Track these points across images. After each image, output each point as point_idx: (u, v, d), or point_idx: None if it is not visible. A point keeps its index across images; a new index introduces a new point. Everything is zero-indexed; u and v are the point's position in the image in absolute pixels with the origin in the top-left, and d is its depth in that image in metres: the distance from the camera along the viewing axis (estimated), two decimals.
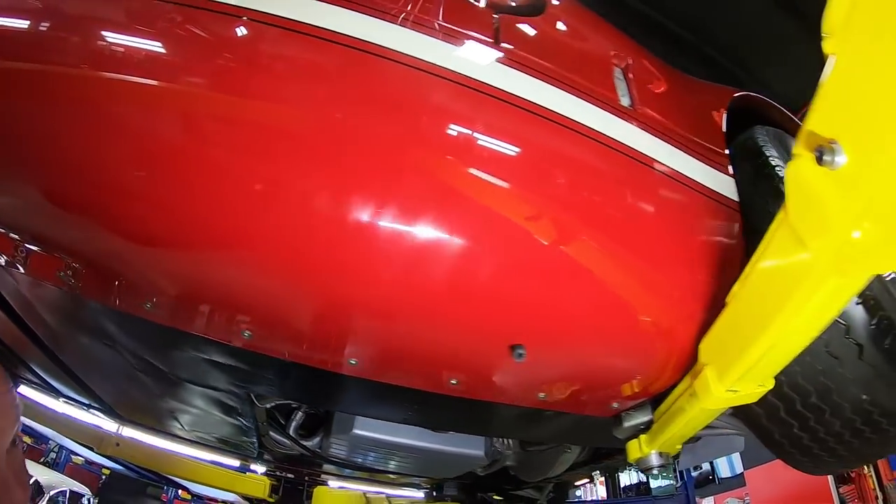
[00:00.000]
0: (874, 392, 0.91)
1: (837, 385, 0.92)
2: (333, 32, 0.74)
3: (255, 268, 0.80)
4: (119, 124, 0.71)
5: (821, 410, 0.95)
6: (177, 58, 0.72)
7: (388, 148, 0.73)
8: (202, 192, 0.73)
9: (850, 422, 0.95)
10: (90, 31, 0.72)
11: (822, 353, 0.91)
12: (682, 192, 0.86)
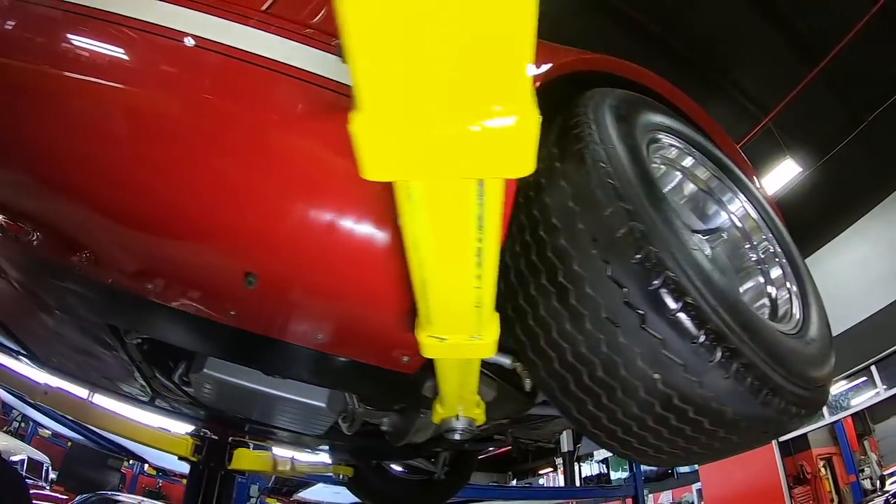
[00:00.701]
0: (666, 371, 0.80)
1: (623, 358, 0.82)
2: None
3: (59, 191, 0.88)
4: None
5: (610, 387, 0.85)
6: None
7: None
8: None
9: (647, 405, 0.85)
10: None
11: (601, 318, 0.81)
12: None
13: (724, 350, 0.79)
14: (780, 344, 0.92)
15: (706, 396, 0.81)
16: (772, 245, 1.41)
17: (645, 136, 1.08)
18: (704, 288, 0.81)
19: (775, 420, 0.87)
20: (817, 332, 1.14)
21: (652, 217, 0.82)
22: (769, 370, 0.84)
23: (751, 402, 0.82)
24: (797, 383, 0.90)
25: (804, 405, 0.92)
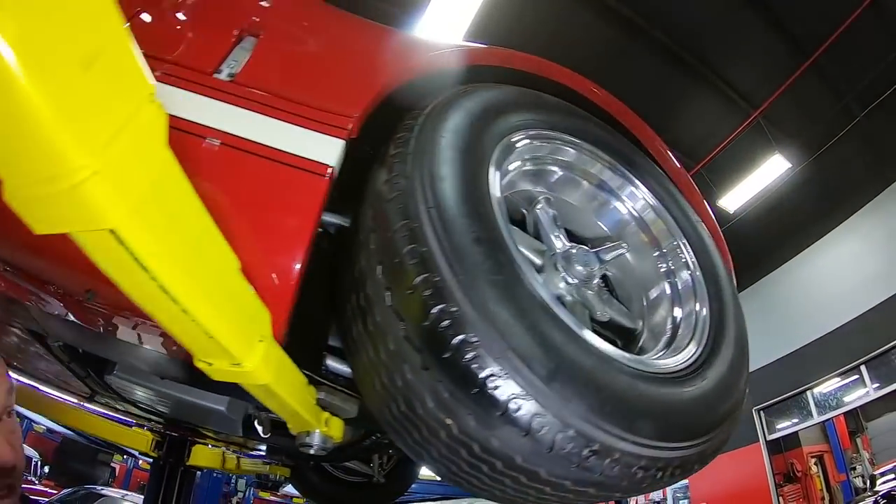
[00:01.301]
0: (458, 420, 0.70)
1: (416, 397, 0.73)
2: None
3: None
4: None
5: (415, 425, 0.77)
6: None
7: None
8: None
9: (453, 450, 0.75)
10: None
11: (390, 350, 0.73)
12: (257, 164, 0.82)
13: (513, 402, 0.66)
14: (621, 393, 0.75)
15: (506, 453, 0.71)
16: (685, 252, 1.21)
17: (500, 142, 0.98)
18: (490, 327, 0.68)
19: (615, 485, 0.75)
20: (723, 371, 0.95)
21: (432, 245, 0.72)
22: (588, 428, 0.69)
23: (565, 465, 0.70)
24: (648, 442, 0.74)
25: (666, 466, 0.78)
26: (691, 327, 1.05)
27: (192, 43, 0.95)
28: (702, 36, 7.92)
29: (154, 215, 0.44)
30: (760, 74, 8.28)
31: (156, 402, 1.83)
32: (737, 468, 10.32)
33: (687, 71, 8.35)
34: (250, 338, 0.65)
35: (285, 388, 0.80)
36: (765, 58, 8.02)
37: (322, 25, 1.15)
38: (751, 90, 8.72)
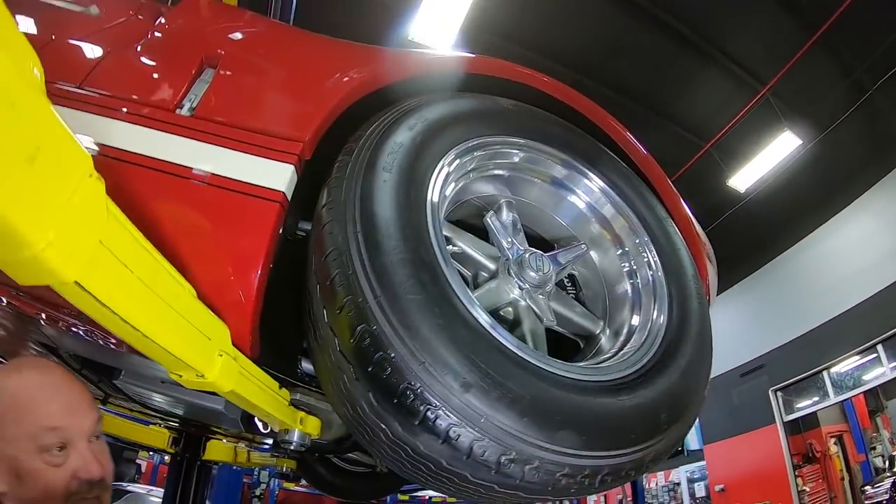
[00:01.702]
0: (389, 426, 0.76)
1: (356, 403, 0.79)
2: None
3: None
4: None
5: (362, 426, 0.82)
6: None
7: None
8: None
9: (396, 452, 0.80)
10: None
11: (332, 360, 0.80)
12: (208, 194, 0.90)
13: (429, 412, 0.72)
14: (542, 403, 0.77)
15: (432, 457, 0.76)
16: (647, 252, 1.21)
17: (440, 160, 1.01)
18: (405, 344, 0.73)
19: (540, 490, 0.78)
20: (672, 379, 0.95)
21: (357, 268, 0.78)
22: (504, 437, 0.73)
23: (485, 470, 0.75)
24: (572, 451, 0.76)
25: (594, 474, 0.80)
26: (644, 334, 1.07)
27: (156, 80, 1.04)
28: (706, 12, 7.80)
29: (107, 265, 0.52)
30: (768, 50, 8.13)
31: (164, 403, 1.97)
32: (754, 450, 10.28)
33: (692, 49, 8.23)
34: (210, 353, 0.74)
35: (252, 392, 0.89)
36: (772, 33, 7.87)
37: (276, 50, 1.20)
38: (758, 67, 8.57)
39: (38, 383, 0.84)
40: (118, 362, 1.51)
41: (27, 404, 0.81)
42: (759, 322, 11.11)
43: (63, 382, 0.88)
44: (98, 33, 1.14)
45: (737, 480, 10.74)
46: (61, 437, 0.81)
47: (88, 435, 0.85)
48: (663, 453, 0.89)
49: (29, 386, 0.83)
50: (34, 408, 0.81)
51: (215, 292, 0.82)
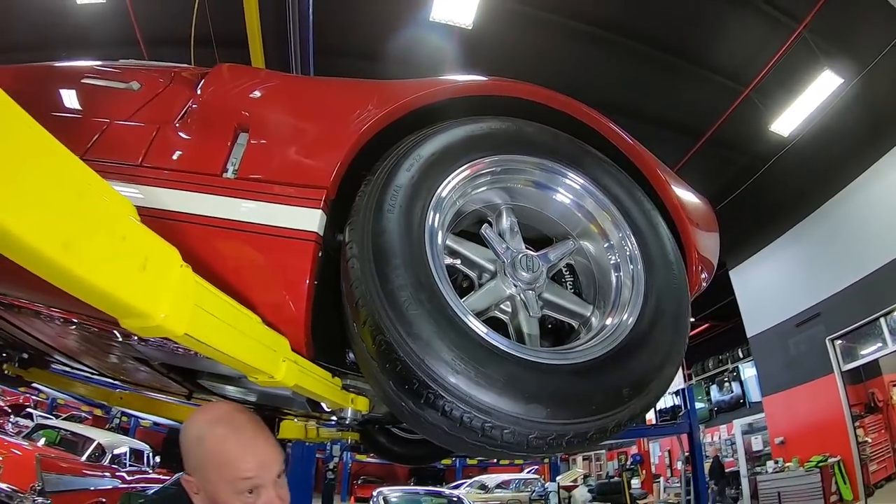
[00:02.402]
0: (405, 402, 1.02)
1: (383, 387, 1.05)
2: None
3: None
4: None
5: (391, 402, 1.07)
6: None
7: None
8: None
9: (415, 420, 1.05)
10: None
11: (363, 355, 1.07)
12: (258, 242, 1.16)
13: (429, 394, 0.97)
14: (515, 383, 0.98)
15: (438, 425, 1.00)
16: (629, 244, 1.36)
17: (437, 189, 1.21)
18: (409, 348, 0.97)
19: (517, 447, 0.99)
20: (638, 365, 1.13)
21: (373, 294, 1.02)
22: (485, 409, 0.95)
23: (474, 434, 0.97)
24: (539, 420, 0.97)
25: (560, 436, 0.99)
26: (618, 320, 1.24)
27: (202, 150, 1.30)
28: None
29: (202, 319, 0.77)
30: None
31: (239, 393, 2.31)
32: (813, 401, 10.11)
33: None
34: (276, 360, 1.02)
35: (311, 384, 1.18)
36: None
37: (293, 105, 1.43)
38: (792, 4, 8.21)
39: (236, 441, 1.05)
40: (199, 366, 1.81)
41: (227, 457, 1.03)
42: (814, 269, 10.79)
43: (257, 437, 1.09)
44: (144, 109, 1.41)
45: (796, 432, 10.62)
46: (254, 483, 1.03)
47: (275, 478, 1.07)
48: (627, 421, 1.07)
49: (228, 442, 1.04)
50: (234, 462, 1.02)
51: (274, 315, 1.09)
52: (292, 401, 2.25)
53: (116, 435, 10.13)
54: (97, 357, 2.34)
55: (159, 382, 2.51)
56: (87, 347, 2.10)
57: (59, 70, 1.74)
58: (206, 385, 2.06)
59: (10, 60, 6.84)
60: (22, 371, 2.81)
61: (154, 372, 2.10)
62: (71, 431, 8.50)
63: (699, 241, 1.59)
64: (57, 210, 0.51)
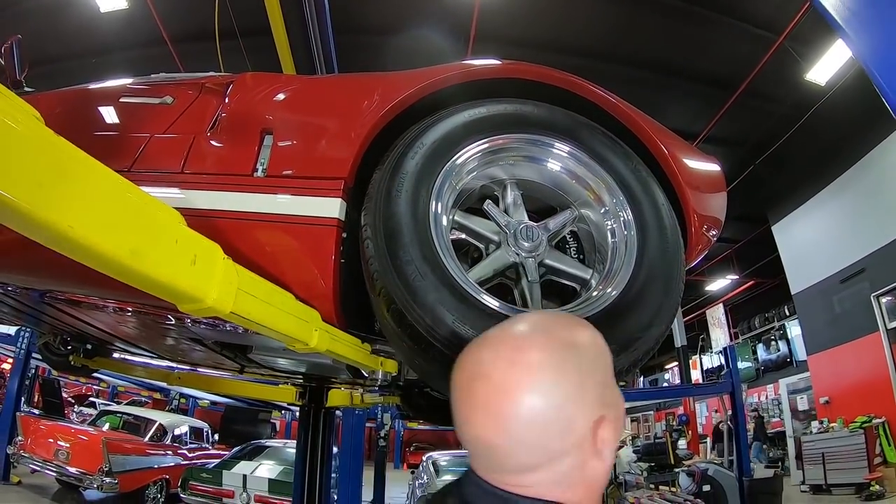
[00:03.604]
0: (418, 353, 1.19)
1: (400, 342, 1.22)
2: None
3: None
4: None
5: (410, 360, 1.28)
6: None
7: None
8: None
9: (428, 376, 1.31)
10: None
11: (382, 318, 1.24)
12: (288, 230, 1.36)
13: (434, 348, 1.14)
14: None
15: (440, 371, 1.14)
16: (623, 210, 1.45)
17: (440, 171, 1.35)
18: (416, 312, 1.14)
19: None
20: (625, 320, 1.25)
21: (386, 269, 1.19)
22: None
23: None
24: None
25: None
26: (609, 284, 1.35)
27: (234, 154, 1.48)
28: None
29: (245, 299, 0.95)
30: None
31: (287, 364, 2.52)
32: (858, 360, 9.87)
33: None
34: (309, 330, 1.21)
35: (342, 349, 1.38)
36: None
37: (310, 105, 1.60)
38: None
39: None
40: (248, 342, 2.03)
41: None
42: (858, 223, 10.42)
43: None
44: (179, 121, 1.61)
45: (841, 391, 10.39)
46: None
47: None
48: (616, 375, 1.20)
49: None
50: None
51: (306, 292, 1.29)
52: (336, 369, 2.47)
53: (176, 415, 10.84)
54: (156, 341, 2.61)
55: (213, 360, 2.77)
56: (146, 333, 2.35)
57: (99, 91, 1.95)
58: (255, 358, 2.28)
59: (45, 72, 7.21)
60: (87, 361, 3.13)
61: (208, 350, 2.33)
62: (133, 415, 9.17)
63: (700, 203, 1.66)
64: (124, 226, 0.68)
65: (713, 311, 19.87)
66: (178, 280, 0.78)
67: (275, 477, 7.28)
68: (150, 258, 0.72)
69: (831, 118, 10.16)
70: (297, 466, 4.27)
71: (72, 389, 14.25)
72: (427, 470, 8.54)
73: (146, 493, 7.90)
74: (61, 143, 0.60)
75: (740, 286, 18.67)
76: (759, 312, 18.42)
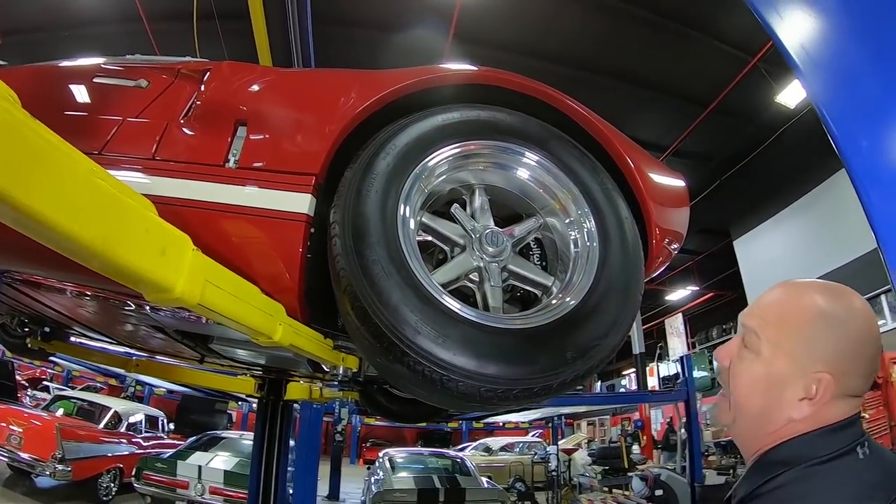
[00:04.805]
0: (380, 355, 1.19)
1: (362, 341, 1.22)
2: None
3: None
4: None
5: (372, 360, 1.30)
6: None
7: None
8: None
9: (390, 376, 1.29)
10: None
11: (346, 315, 1.24)
12: (257, 223, 1.35)
13: (397, 350, 1.13)
14: (466, 343, 1.14)
15: (406, 376, 1.17)
16: (588, 221, 1.48)
17: (410, 173, 1.35)
18: (379, 311, 1.14)
19: (472, 398, 1.15)
20: (584, 327, 1.27)
21: (352, 268, 1.19)
22: (442, 365, 1.12)
23: (433, 385, 1.14)
24: (489, 376, 1.13)
25: (508, 391, 1.15)
26: (569, 292, 1.37)
27: (207, 143, 1.47)
28: None
29: (212, 291, 0.95)
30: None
31: (248, 356, 2.51)
32: None
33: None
34: (273, 324, 1.21)
35: (305, 344, 1.37)
36: None
37: (285, 98, 1.59)
38: None
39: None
40: (210, 332, 2.01)
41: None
42: (816, 243, 10.87)
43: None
44: (153, 106, 1.58)
45: None
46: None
47: None
48: (571, 381, 1.22)
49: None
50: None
51: (272, 286, 1.29)
52: (296, 363, 2.47)
53: (132, 403, 10.58)
54: (116, 327, 2.55)
55: (173, 348, 2.73)
56: (107, 319, 2.30)
57: (73, 70, 1.90)
58: (216, 349, 2.26)
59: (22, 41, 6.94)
60: (44, 344, 3.04)
61: (169, 338, 2.29)
62: (88, 401, 8.90)
63: (662, 217, 1.72)
64: (96, 213, 0.68)
65: (672, 320, 20.40)
66: (147, 270, 0.78)
67: (230, 469, 7.17)
68: (120, 247, 0.72)
69: (798, 141, 10.54)
70: (254, 459, 4.22)
71: (25, 372, 13.75)
72: (383, 466, 8.55)
73: (99, 482, 7.70)
74: (36, 127, 0.60)
75: (700, 297, 19.21)
76: (717, 324, 18.99)
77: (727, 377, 0.87)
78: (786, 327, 0.81)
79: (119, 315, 2.05)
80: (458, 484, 7.93)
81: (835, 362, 0.77)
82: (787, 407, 0.79)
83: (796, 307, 0.82)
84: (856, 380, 0.78)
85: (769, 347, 0.81)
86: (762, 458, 0.80)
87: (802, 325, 0.80)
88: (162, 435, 9.91)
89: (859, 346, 0.78)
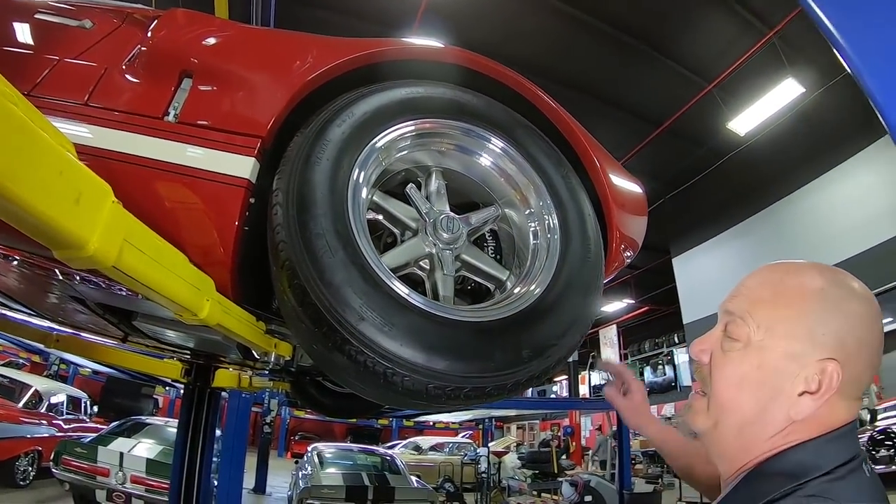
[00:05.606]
0: (317, 342, 1.07)
1: (299, 324, 1.09)
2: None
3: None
4: None
5: (306, 348, 1.17)
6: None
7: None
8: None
9: (326, 366, 1.17)
10: None
11: (283, 296, 1.11)
12: (191, 184, 1.20)
13: (337, 337, 1.02)
14: (414, 333, 1.03)
15: (345, 369, 1.07)
16: (549, 215, 1.41)
17: (364, 147, 1.25)
18: (318, 291, 1.01)
19: (419, 396, 1.05)
20: (540, 325, 1.18)
21: (292, 241, 1.07)
22: (385, 356, 1.01)
23: (376, 379, 1.03)
24: (437, 372, 1.02)
25: (457, 389, 1.05)
26: (527, 287, 1.30)
27: (147, 93, 1.31)
28: None
29: (130, 253, 0.82)
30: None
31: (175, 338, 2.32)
32: None
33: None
34: (200, 299, 1.07)
35: (233, 325, 1.22)
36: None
37: (238, 55, 1.43)
38: (767, 9, 8.45)
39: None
40: (133, 307, 1.83)
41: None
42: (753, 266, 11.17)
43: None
44: (94, 49, 1.40)
45: None
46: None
47: None
48: (526, 381, 1.13)
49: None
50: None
51: (202, 257, 1.14)
52: (226, 348, 2.30)
53: (54, 382, 9.95)
54: (35, 296, 2.31)
55: (97, 325, 2.50)
56: (25, 286, 2.07)
57: (15, 2, 1.68)
58: (140, 327, 2.07)
59: None
60: None
61: (91, 313, 2.09)
62: (8, 378, 8.28)
63: (623, 222, 1.69)
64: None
65: (606, 330, 21.00)
66: (56, 220, 0.65)
67: (153, 457, 6.76)
68: (25, 187, 0.59)
69: (744, 167, 11.03)
70: (178, 448, 4.02)
71: None
72: (311, 461, 8.32)
73: (17, 465, 7.21)
74: None
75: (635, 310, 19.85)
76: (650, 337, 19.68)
77: (707, 373, 0.75)
78: (781, 306, 0.69)
79: (37, 282, 1.83)
80: (387, 482, 7.79)
81: (839, 348, 0.65)
82: (785, 404, 0.66)
83: (794, 283, 0.70)
84: (861, 371, 0.65)
85: (761, 332, 0.69)
86: (757, 468, 0.67)
87: (802, 302, 0.68)
88: (84, 418, 9.39)
89: (864, 332, 0.66)
